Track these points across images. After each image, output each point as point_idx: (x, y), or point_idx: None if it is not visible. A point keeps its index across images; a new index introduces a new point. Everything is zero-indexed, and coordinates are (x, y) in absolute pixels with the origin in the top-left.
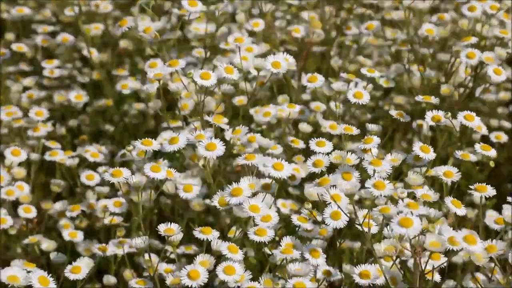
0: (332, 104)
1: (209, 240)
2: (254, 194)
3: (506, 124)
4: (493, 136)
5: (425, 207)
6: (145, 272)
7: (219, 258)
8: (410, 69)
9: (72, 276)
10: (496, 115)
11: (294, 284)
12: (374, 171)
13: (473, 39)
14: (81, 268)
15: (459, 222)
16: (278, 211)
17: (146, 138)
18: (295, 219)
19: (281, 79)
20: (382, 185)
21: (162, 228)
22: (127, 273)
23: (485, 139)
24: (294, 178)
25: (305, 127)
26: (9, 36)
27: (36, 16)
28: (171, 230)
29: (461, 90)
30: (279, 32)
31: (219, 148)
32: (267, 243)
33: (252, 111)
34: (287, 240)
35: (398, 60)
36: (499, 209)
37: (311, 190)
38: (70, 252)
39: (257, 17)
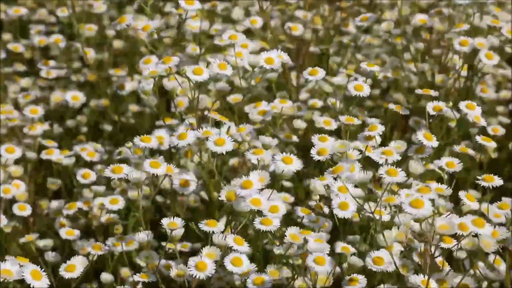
0: (330, 101)
1: (215, 232)
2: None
3: (504, 119)
4: (490, 129)
5: (435, 193)
6: (143, 270)
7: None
8: (407, 66)
9: (67, 275)
10: (495, 114)
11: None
12: (386, 160)
13: (466, 26)
14: (75, 267)
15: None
16: None
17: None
18: (299, 210)
19: (280, 77)
20: (395, 172)
21: (165, 222)
22: (125, 270)
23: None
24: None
25: (299, 123)
26: (6, 36)
27: (34, 16)
28: (175, 224)
29: (457, 81)
30: (277, 30)
31: (228, 144)
32: (273, 232)
33: (247, 108)
34: (290, 231)
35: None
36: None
37: (316, 184)
38: (68, 250)
39: (255, 15)
